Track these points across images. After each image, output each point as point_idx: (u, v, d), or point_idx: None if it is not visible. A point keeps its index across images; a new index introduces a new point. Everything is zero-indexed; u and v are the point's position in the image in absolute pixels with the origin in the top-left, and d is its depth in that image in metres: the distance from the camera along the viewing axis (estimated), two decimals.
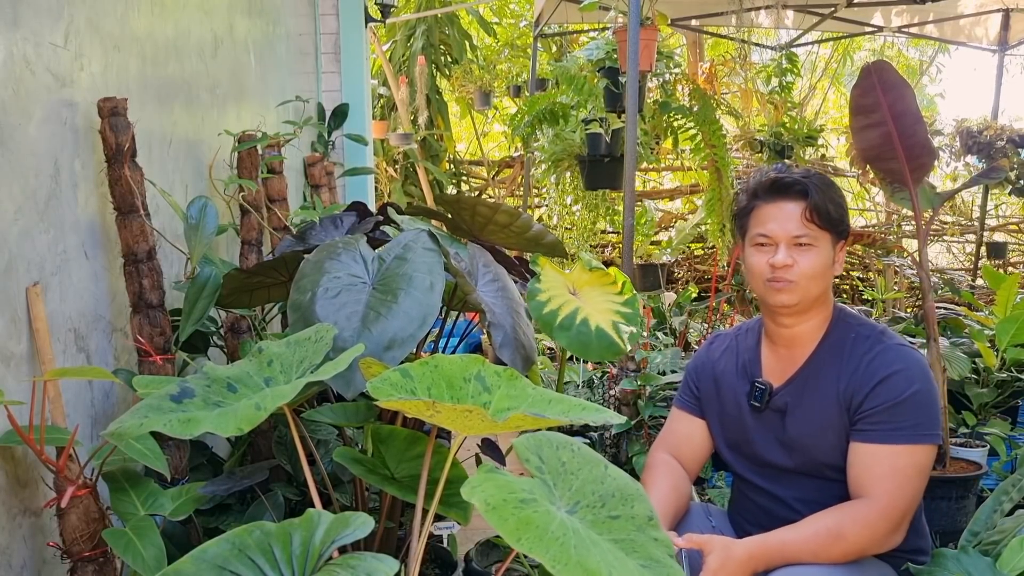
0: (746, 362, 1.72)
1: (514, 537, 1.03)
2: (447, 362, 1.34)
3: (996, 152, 5.56)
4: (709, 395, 1.76)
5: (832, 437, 1.57)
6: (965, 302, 3.97)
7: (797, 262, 1.57)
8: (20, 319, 1.41)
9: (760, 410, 1.66)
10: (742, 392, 1.70)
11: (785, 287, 1.58)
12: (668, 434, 1.82)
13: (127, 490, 1.45)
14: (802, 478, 1.62)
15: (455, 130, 7.98)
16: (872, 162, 2.51)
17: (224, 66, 2.62)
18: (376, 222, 2.11)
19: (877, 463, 1.50)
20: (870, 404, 1.52)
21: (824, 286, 1.61)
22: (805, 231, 1.57)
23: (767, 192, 1.62)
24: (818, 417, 1.58)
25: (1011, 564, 1.44)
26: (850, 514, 1.48)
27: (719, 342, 1.81)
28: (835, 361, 1.60)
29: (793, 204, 1.58)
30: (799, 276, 1.57)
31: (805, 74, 8.59)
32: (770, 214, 1.60)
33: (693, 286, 5.35)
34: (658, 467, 1.74)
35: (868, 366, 1.55)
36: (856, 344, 1.59)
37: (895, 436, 1.50)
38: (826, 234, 1.58)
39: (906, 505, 1.49)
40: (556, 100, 4.71)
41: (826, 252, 1.58)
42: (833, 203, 1.58)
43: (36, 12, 1.49)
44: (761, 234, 1.61)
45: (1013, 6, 5.58)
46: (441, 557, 2.02)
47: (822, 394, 1.59)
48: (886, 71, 2.37)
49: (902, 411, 1.51)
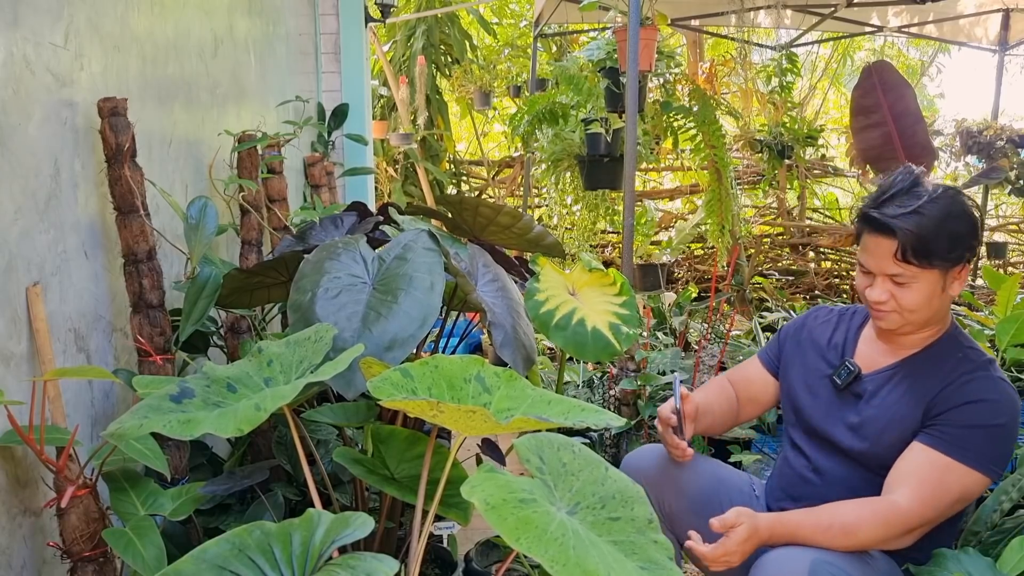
0: (842, 340, 1.72)
1: (513, 537, 1.03)
2: (447, 362, 1.34)
3: (996, 152, 5.55)
4: (791, 357, 1.78)
5: (897, 435, 1.55)
6: (965, 302, 3.96)
7: (895, 296, 1.53)
8: (20, 319, 1.41)
9: (840, 388, 1.66)
10: (828, 365, 1.70)
11: (884, 316, 1.57)
12: (738, 370, 1.89)
13: (127, 490, 1.45)
14: (852, 464, 1.61)
15: (455, 130, 7.98)
16: (872, 162, 2.51)
17: (224, 66, 2.62)
18: (376, 222, 2.11)
19: (926, 467, 1.48)
20: (951, 417, 1.50)
21: (933, 311, 1.55)
22: (900, 271, 1.51)
23: (863, 223, 1.56)
24: (895, 414, 1.57)
25: (1011, 564, 1.44)
26: (869, 513, 1.47)
27: (822, 314, 1.82)
28: (934, 372, 1.56)
29: (888, 241, 1.50)
30: (899, 308, 1.54)
31: (805, 74, 8.58)
32: (868, 245, 1.55)
33: (693, 286, 5.35)
34: (714, 382, 1.87)
35: (964, 385, 1.52)
36: (961, 364, 1.55)
37: (958, 452, 1.47)
38: (929, 270, 1.50)
39: (931, 517, 1.48)
40: (556, 100, 4.70)
41: (929, 285, 1.51)
42: (939, 238, 1.47)
43: (36, 12, 1.49)
44: (861, 263, 1.58)
45: (1013, 6, 5.58)
46: (441, 557, 2.02)
47: (908, 396, 1.56)
48: (887, 71, 2.38)
49: (977, 435, 1.48)
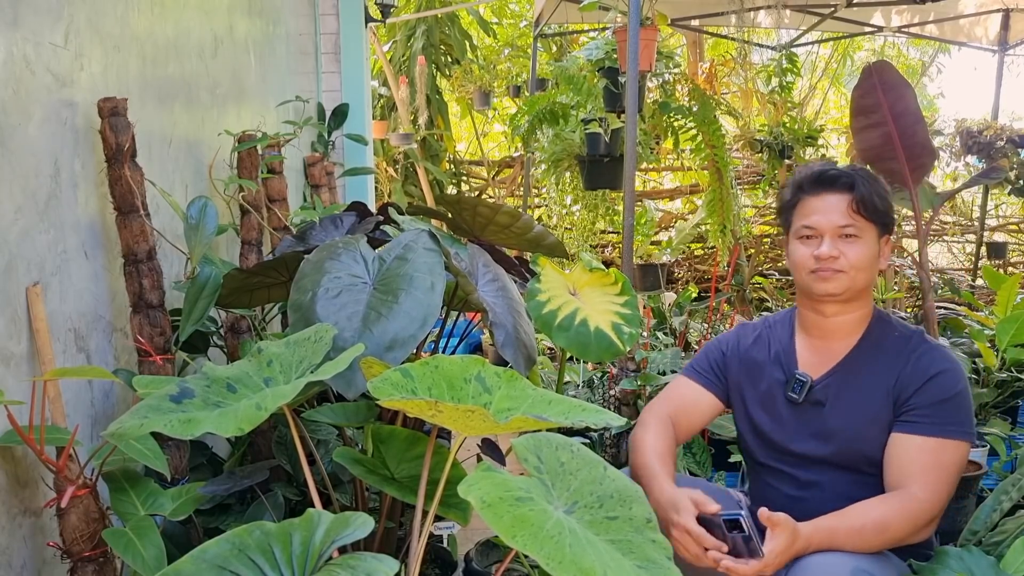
0: (780, 354, 1.72)
1: (509, 534, 1.03)
2: (447, 362, 1.34)
3: (996, 152, 5.55)
4: (738, 382, 1.76)
5: (876, 431, 1.57)
6: (965, 302, 3.96)
7: (844, 253, 1.58)
8: (20, 319, 1.41)
9: (798, 403, 1.66)
10: (778, 384, 1.69)
11: (831, 276, 1.59)
12: (672, 398, 1.78)
13: (127, 490, 1.45)
14: (835, 469, 1.62)
15: (455, 130, 7.98)
16: (872, 162, 2.51)
17: (224, 66, 2.62)
18: (376, 222, 2.11)
19: (923, 456, 1.51)
20: (921, 399, 1.54)
21: (869, 279, 1.61)
22: (851, 222, 1.58)
23: (812, 185, 1.63)
24: (864, 410, 1.59)
25: (1015, 565, 1.43)
26: (896, 507, 1.48)
27: (749, 331, 1.80)
28: (880, 357, 1.61)
29: (838, 196, 1.59)
30: (846, 266, 1.58)
31: (805, 74, 8.58)
32: (815, 206, 1.61)
33: (693, 286, 5.34)
34: (654, 424, 1.70)
35: (918, 363, 1.57)
36: (900, 342, 1.61)
37: (943, 431, 1.51)
38: (872, 226, 1.59)
39: (944, 500, 1.51)
40: (556, 100, 4.71)
41: (872, 244, 1.59)
42: (879, 196, 1.59)
43: (36, 12, 1.49)
44: (806, 226, 1.62)
45: (1013, 6, 5.58)
46: (441, 557, 2.02)
47: (868, 388, 1.59)
48: (887, 71, 2.37)
49: (950, 408, 1.53)
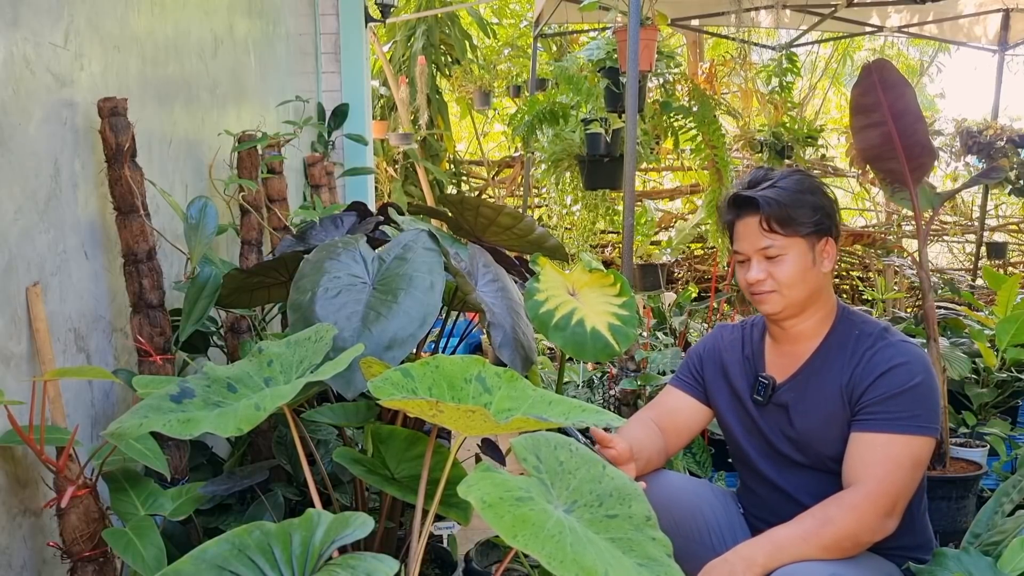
0: (750, 355, 1.73)
1: (510, 534, 1.03)
2: (448, 362, 1.34)
3: (996, 152, 5.55)
4: (716, 383, 1.76)
5: (835, 431, 1.57)
6: (965, 302, 3.96)
7: (771, 274, 1.58)
8: (20, 319, 1.41)
9: (763, 404, 1.66)
10: (746, 385, 1.71)
11: (765, 298, 1.59)
12: (655, 404, 1.82)
13: (127, 490, 1.45)
14: (810, 471, 1.62)
15: (455, 130, 7.98)
16: (872, 162, 2.51)
17: (224, 66, 2.62)
18: (376, 222, 2.11)
19: (871, 451, 1.50)
20: (870, 395, 1.53)
21: (811, 288, 1.59)
22: (770, 242, 1.57)
23: (729, 208, 1.64)
24: (822, 411, 1.59)
25: (1012, 564, 1.44)
26: (836, 499, 1.49)
27: (727, 332, 1.81)
28: (838, 357, 1.60)
29: (752, 217, 1.58)
30: (775, 286, 1.58)
31: (805, 74, 8.59)
32: (738, 230, 1.63)
33: (693, 286, 5.34)
34: (636, 421, 1.75)
35: (870, 360, 1.56)
36: (859, 341, 1.60)
37: (891, 425, 1.50)
38: (795, 239, 1.56)
39: (896, 492, 1.48)
40: (556, 100, 4.71)
41: (800, 257, 1.57)
42: (798, 205, 1.55)
43: (36, 12, 1.49)
44: (735, 251, 1.64)
45: (1013, 6, 5.58)
46: (441, 557, 2.01)
47: (826, 389, 1.59)
48: (887, 70, 2.37)
49: (901, 402, 1.51)
